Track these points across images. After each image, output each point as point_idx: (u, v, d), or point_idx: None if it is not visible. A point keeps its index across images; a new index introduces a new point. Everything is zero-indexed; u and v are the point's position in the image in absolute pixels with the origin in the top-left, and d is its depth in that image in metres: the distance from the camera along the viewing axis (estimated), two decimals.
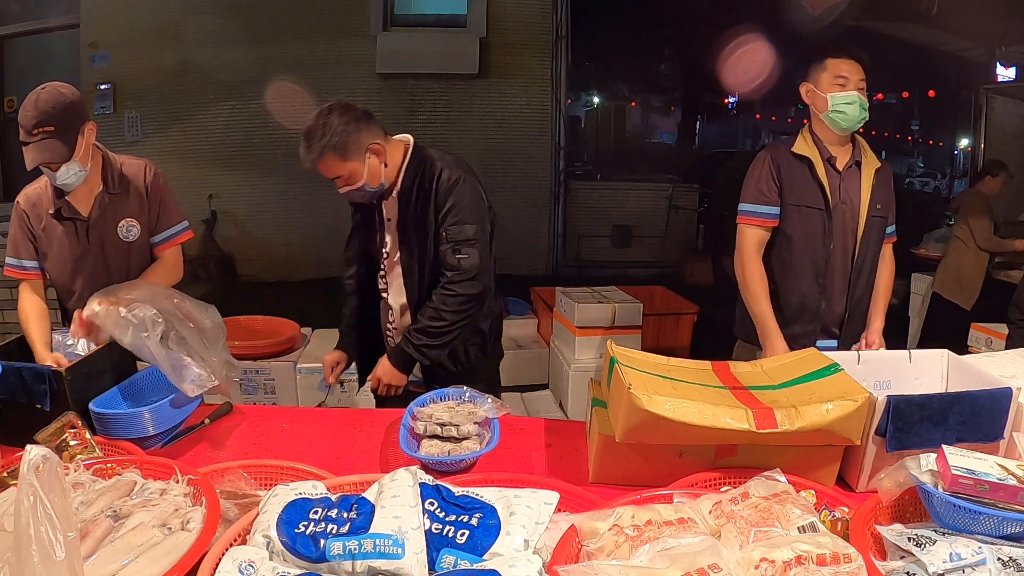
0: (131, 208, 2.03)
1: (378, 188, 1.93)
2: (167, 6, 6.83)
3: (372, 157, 1.88)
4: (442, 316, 1.90)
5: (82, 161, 1.88)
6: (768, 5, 6.80)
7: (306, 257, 7.32)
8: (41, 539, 0.86)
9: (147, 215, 2.06)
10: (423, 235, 1.94)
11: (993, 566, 0.98)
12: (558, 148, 7.72)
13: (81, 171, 1.89)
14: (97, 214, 1.98)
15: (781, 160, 2.19)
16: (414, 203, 1.94)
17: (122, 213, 2.02)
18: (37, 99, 1.79)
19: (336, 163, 1.85)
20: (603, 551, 1.02)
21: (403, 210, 1.96)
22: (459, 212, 1.89)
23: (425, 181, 1.92)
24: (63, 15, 6.86)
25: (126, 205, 2.02)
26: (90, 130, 1.91)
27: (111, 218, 2.00)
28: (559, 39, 7.43)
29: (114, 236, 2.01)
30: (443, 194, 1.90)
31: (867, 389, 1.28)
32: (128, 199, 2.03)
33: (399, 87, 7.14)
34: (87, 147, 1.90)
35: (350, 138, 1.84)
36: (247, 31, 6.94)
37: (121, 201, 2.01)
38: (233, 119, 7.17)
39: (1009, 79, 7.25)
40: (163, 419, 1.54)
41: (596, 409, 1.44)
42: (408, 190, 1.94)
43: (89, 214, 1.98)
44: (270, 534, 1.02)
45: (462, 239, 1.89)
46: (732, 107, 17.07)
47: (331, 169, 1.86)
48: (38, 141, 1.79)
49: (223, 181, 7.19)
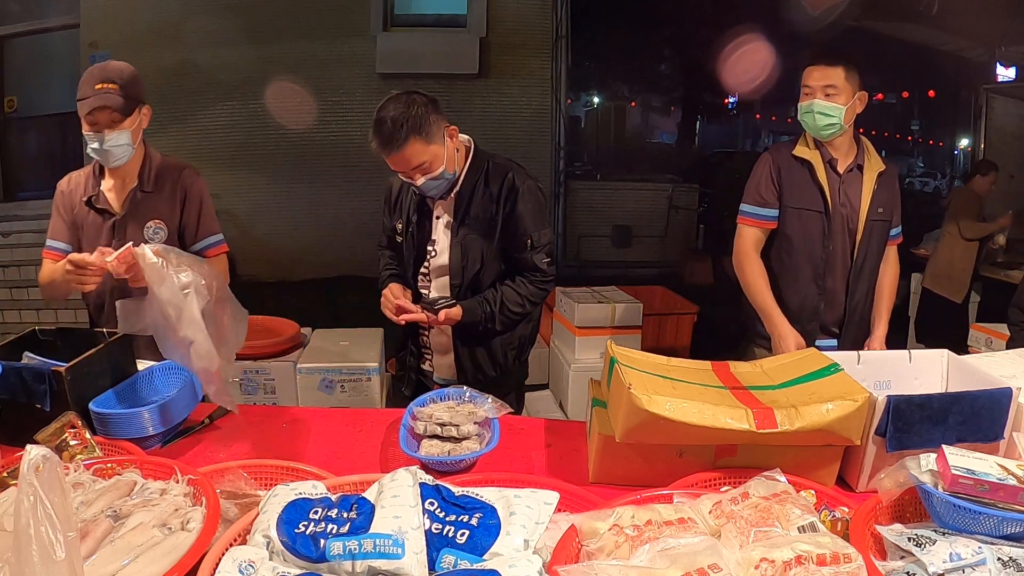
0: (162, 209, 1.98)
1: (453, 176, 1.89)
2: (167, 6, 6.83)
3: (449, 141, 1.86)
4: (524, 306, 1.96)
5: (133, 136, 1.88)
6: (768, 5, 6.81)
7: (306, 257, 7.33)
8: (41, 539, 0.86)
9: (179, 219, 2.01)
10: (483, 237, 1.93)
11: (993, 566, 0.98)
12: (558, 148, 7.72)
13: (129, 145, 1.88)
14: (127, 210, 1.95)
15: (782, 162, 2.20)
16: (477, 204, 1.92)
17: (151, 213, 1.97)
18: (106, 64, 1.85)
19: (421, 147, 1.79)
20: (603, 551, 1.02)
21: (462, 210, 1.93)
22: (540, 217, 1.93)
23: (491, 183, 1.92)
24: (63, 15, 6.86)
25: (157, 205, 1.98)
26: (145, 114, 1.92)
27: (140, 216, 1.96)
28: (559, 39, 7.43)
29: (139, 237, 1.95)
30: (521, 198, 1.91)
31: (867, 389, 1.28)
32: (160, 199, 1.98)
33: (399, 87, 7.05)
34: (139, 128, 1.90)
35: (431, 119, 1.80)
36: (247, 31, 6.94)
37: (152, 200, 1.97)
38: (233, 119, 7.17)
39: (1009, 79, 7.25)
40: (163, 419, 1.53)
41: (596, 409, 1.44)
42: (470, 191, 1.92)
43: (120, 209, 1.96)
44: (270, 534, 1.02)
45: (546, 242, 1.95)
46: (732, 107, 17.07)
47: (416, 155, 1.79)
48: (99, 94, 1.81)
49: (223, 181, 7.16)
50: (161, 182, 1.99)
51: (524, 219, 1.91)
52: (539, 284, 1.97)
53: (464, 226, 1.94)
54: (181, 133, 7.10)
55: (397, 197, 2.07)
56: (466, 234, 1.94)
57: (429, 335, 2.10)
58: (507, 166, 1.96)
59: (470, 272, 1.96)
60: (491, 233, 1.93)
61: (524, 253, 1.94)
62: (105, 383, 1.59)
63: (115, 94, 1.82)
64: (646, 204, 8.39)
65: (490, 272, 1.97)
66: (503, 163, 1.97)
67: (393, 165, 1.84)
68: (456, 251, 1.95)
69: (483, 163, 1.95)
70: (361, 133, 7.70)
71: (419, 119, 1.78)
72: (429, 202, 1.99)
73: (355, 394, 3.20)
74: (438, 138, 1.82)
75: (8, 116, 6.91)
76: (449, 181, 1.89)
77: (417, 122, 1.77)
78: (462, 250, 1.94)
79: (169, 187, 1.99)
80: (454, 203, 1.95)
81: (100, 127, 1.85)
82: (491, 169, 1.94)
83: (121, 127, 1.85)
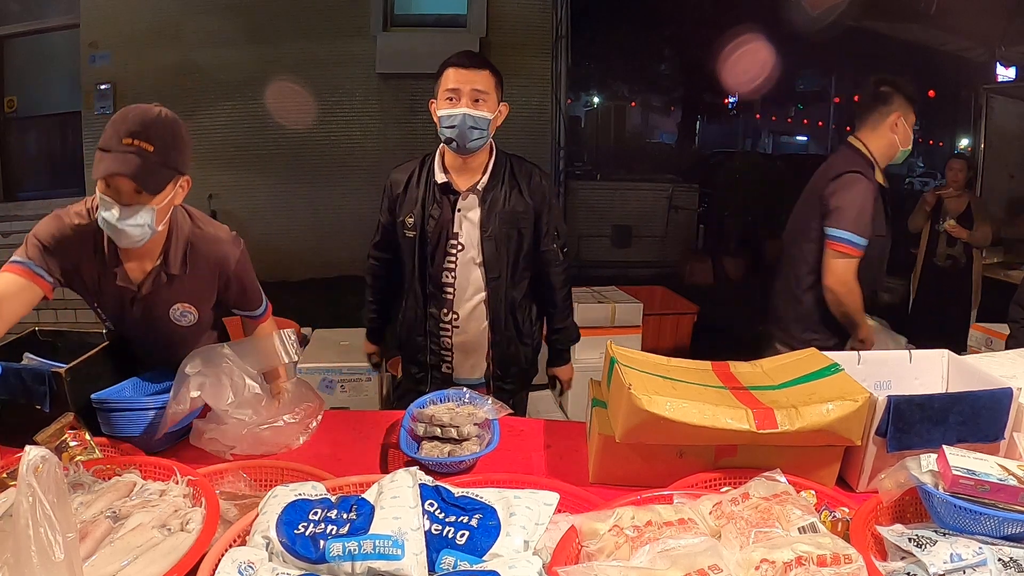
0: (192, 292, 1.66)
1: (483, 138, 1.94)
2: (167, 6, 6.83)
3: (500, 112, 1.97)
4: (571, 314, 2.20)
5: (159, 215, 1.47)
6: (768, 5, 6.80)
7: (306, 257, 7.32)
8: (40, 540, 0.86)
9: (212, 301, 1.72)
10: (516, 231, 2.00)
11: (994, 566, 0.98)
12: (558, 148, 7.72)
13: (150, 227, 1.46)
14: (149, 290, 1.61)
15: (876, 192, 2.22)
16: (505, 199, 1.99)
17: (179, 296, 1.65)
18: (146, 113, 1.42)
19: (492, 82, 1.93)
20: (603, 552, 1.02)
21: (491, 205, 1.98)
22: (560, 211, 2.10)
23: (518, 179, 2.01)
24: (63, 15, 6.86)
25: (185, 287, 1.64)
26: (182, 187, 1.53)
27: (164, 299, 1.64)
28: (559, 39, 7.42)
29: (165, 317, 1.66)
30: (549, 197, 2.05)
31: (867, 389, 1.28)
32: (190, 282, 1.64)
33: (399, 87, 7.13)
34: (170, 204, 1.51)
35: (501, 81, 1.96)
36: (247, 31, 6.94)
37: (181, 282, 1.63)
38: (233, 119, 7.16)
39: (1009, 79, 7.24)
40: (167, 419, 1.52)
41: (596, 409, 1.44)
42: (497, 186, 1.99)
43: (140, 287, 1.61)
44: (270, 535, 1.02)
45: (565, 233, 2.09)
46: (732, 107, 17.07)
47: (486, 83, 1.91)
48: (125, 152, 1.38)
49: (223, 181, 7.17)
50: (192, 262, 1.62)
51: (554, 215, 2.06)
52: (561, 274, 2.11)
53: (495, 219, 1.98)
54: None
55: (404, 191, 2.05)
56: (497, 227, 1.98)
57: (452, 336, 2.08)
58: (528, 163, 2.07)
59: (506, 265, 2.01)
60: (525, 227, 2.01)
61: (552, 245, 2.06)
62: (105, 384, 1.59)
63: (148, 157, 1.39)
64: (646, 204, 8.39)
65: (524, 264, 2.05)
66: (522, 160, 2.07)
67: (457, 79, 1.91)
68: (490, 245, 1.99)
69: (505, 159, 2.03)
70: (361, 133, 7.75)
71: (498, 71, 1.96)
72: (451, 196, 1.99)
73: (355, 394, 3.19)
74: (498, 94, 1.96)
75: (8, 116, 6.91)
76: (481, 135, 1.93)
77: (497, 70, 1.96)
78: (495, 244, 1.99)
79: (205, 268, 1.64)
80: (481, 197, 1.98)
81: (119, 195, 1.42)
82: (515, 166, 2.03)
83: (145, 204, 1.43)
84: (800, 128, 22.01)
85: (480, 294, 2.02)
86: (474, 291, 2.02)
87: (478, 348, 2.07)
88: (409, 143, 6.34)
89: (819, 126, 20.08)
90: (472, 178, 1.98)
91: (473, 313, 2.04)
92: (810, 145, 20.76)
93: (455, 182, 1.98)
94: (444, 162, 2.00)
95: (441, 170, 1.99)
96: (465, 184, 1.98)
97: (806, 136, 21.75)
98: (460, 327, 2.05)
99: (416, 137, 6.58)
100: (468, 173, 1.98)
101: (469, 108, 1.88)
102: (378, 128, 7.16)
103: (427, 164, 2.02)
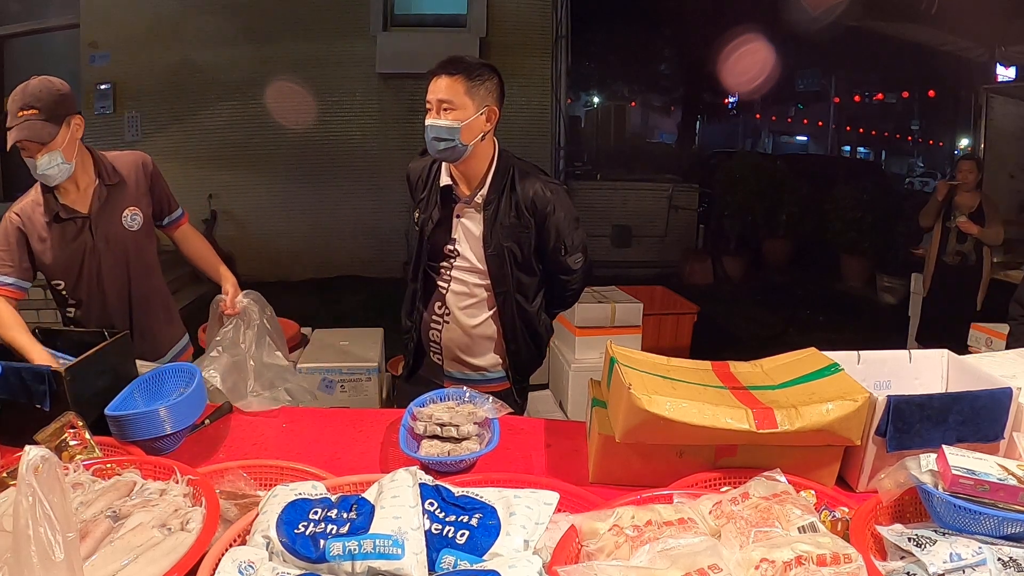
0: (130, 197, 2.03)
1: (462, 147, 1.83)
2: (167, 6, 6.84)
3: (485, 115, 1.84)
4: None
5: (65, 153, 1.85)
6: (768, 5, 6.81)
7: (306, 257, 7.33)
8: (40, 540, 0.86)
9: (148, 203, 2.07)
10: (518, 244, 1.93)
11: (993, 566, 0.98)
12: (558, 148, 7.73)
13: (64, 163, 1.85)
14: (97, 207, 1.96)
15: None
16: (505, 212, 1.92)
17: (122, 203, 2.01)
18: (26, 86, 1.82)
19: (463, 90, 1.79)
20: (603, 551, 1.02)
21: (493, 218, 1.92)
22: (571, 222, 1.95)
23: (519, 192, 1.91)
24: (63, 15, 6.87)
25: (125, 195, 2.02)
26: (77, 124, 1.89)
27: (112, 209, 1.99)
28: (559, 39, 7.43)
29: (119, 228, 2.00)
30: (552, 211, 1.92)
31: (867, 389, 1.28)
32: (126, 189, 2.02)
33: (399, 87, 7.13)
34: (72, 140, 1.87)
35: (486, 84, 1.82)
36: (247, 31, 6.95)
37: (120, 191, 2.00)
38: (233, 119, 7.17)
39: (1009, 79, 7.25)
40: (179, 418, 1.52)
41: (596, 409, 1.44)
42: (497, 197, 1.92)
43: (89, 210, 1.96)
44: (270, 534, 1.02)
45: (579, 243, 1.99)
46: (732, 107, 17.10)
47: (451, 91, 1.79)
48: (21, 123, 1.78)
49: (223, 181, 7.19)
50: (121, 169, 2.02)
51: (559, 227, 1.94)
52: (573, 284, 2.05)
53: (497, 234, 1.93)
54: (181, 133, 7.11)
55: (415, 185, 2.06)
56: (500, 243, 1.93)
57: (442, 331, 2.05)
58: (533, 173, 1.96)
59: (511, 278, 1.96)
60: (525, 241, 1.94)
61: (560, 257, 1.99)
62: (105, 383, 1.59)
63: (36, 120, 1.79)
64: (646, 204, 8.39)
65: (530, 274, 1.99)
66: (527, 169, 1.97)
67: (430, 89, 1.83)
68: (494, 261, 1.94)
69: (508, 169, 1.94)
70: (361, 133, 7.75)
71: (477, 71, 1.81)
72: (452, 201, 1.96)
73: (355, 394, 3.20)
74: (478, 100, 1.82)
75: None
76: (456, 147, 1.84)
77: (473, 72, 1.80)
78: (498, 259, 1.94)
79: (132, 175, 2.03)
80: (481, 209, 1.94)
81: (31, 153, 1.83)
82: (517, 177, 1.93)
83: (51, 149, 1.82)
84: (800, 128, 22.02)
85: (491, 310, 2.00)
86: (476, 302, 2.00)
87: (467, 350, 2.05)
88: (409, 143, 6.32)
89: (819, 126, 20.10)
90: (473, 186, 1.95)
91: (479, 326, 2.01)
92: (810, 145, 20.78)
93: (458, 187, 1.96)
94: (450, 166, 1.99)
95: (447, 173, 1.97)
96: (467, 190, 1.96)
97: (806, 136, 21.77)
98: (451, 323, 2.03)
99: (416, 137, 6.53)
100: (468, 181, 1.95)
101: (434, 118, 1.82)
102: (378, 128, 7.15)
103: (436, 163, 2.02)
